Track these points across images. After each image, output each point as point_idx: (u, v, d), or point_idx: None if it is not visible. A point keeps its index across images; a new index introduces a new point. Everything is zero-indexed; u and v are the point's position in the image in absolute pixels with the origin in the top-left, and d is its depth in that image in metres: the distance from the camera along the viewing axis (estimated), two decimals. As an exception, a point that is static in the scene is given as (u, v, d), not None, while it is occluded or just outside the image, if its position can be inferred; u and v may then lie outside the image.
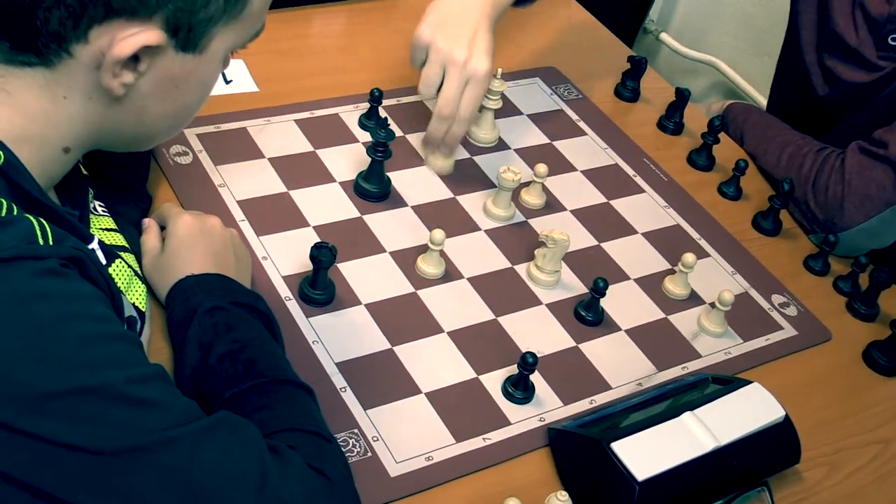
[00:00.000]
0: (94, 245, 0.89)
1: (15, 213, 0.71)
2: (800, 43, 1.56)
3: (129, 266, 0.97)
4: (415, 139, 1.38)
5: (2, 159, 0.74)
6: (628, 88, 1.60)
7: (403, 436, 1.01)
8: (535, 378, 1.09)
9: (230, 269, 1.02)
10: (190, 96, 0.86)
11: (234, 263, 1.04)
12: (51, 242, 0.71)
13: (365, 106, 1.38)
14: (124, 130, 0.85)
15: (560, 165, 1.41)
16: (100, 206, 1.01)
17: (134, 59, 0.78)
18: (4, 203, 0.71)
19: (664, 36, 2.69)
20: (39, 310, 0.67)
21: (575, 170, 1.42)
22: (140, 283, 0.99)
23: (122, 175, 1.09)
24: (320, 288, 1.11)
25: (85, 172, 1.00)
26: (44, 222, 0.72)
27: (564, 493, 0.91)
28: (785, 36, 1.66)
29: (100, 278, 0.76)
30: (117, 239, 1.00)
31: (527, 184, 1.33)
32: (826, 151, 1.44)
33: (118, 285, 0.89)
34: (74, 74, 0.78)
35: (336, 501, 0.78)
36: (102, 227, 0.99)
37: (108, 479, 0.68)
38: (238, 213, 1.19)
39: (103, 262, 0.89)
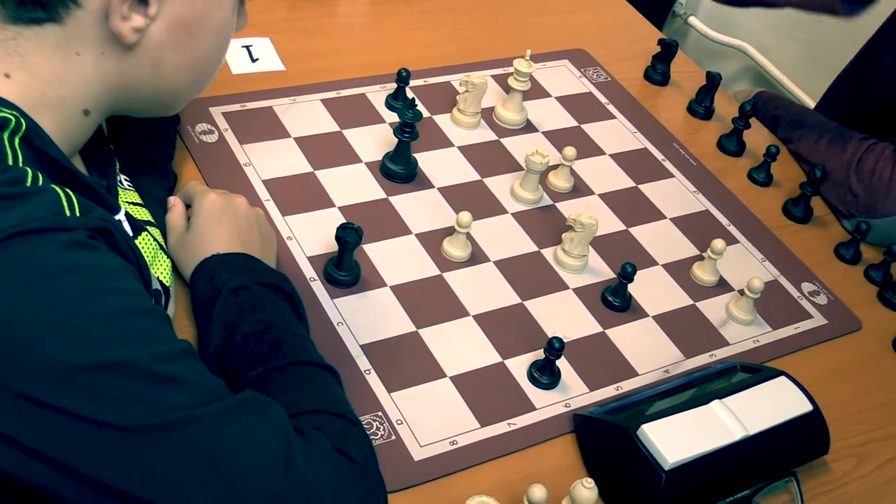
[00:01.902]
0: (121, 216, 0.88)
1: (41, 183, 0.70)
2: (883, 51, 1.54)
3: (155, 240, 0.96)
4: (441, 120, 1.37)
5: (23, 127, 0.73)
6: (658, 72, 1.58)
7: (428, 419, 1.00)
8: (561, 363, 1.08)
9: (255, 249, 1.01)
10: (206, 44, 0.85)
11: (260, 243, 1.03)
12: (77, 214, 0.70)
13: (392, 86, 1.37)
14: (143, 87, 0.84)
15: (588, 149, 1.40)
16: (125, 180, 1.00)
17: (143, 3, 0.77)
18: (30, 172, 0.70)
19: (693, 20, 2.66)
20: (66, 283, 0.67)
21: (603, 153, 1.40)
22: (165, 257, 0.98)
23: (147, 152, 1.09)
24: (345, 269, 1.10)
25: (111, 146, 0.99)
26: (70, 193, 0.71)
27: (590, 480, 0.90)
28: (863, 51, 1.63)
29: (127, 250, 0.75)
30: (143, 213, 0.99)
31: (555, 167, 1.32)
32: (871, 140, 1.42)
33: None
34: (85, 27, 0.77)
35: (360, 484, 0.78)
36: (128, 201, 0.98)
37: (132, 455, 0.68)
38: (263, 193, 1.18)
39: (130, 234, 0.89)
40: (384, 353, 1.05)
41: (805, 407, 1.05)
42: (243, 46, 1.39)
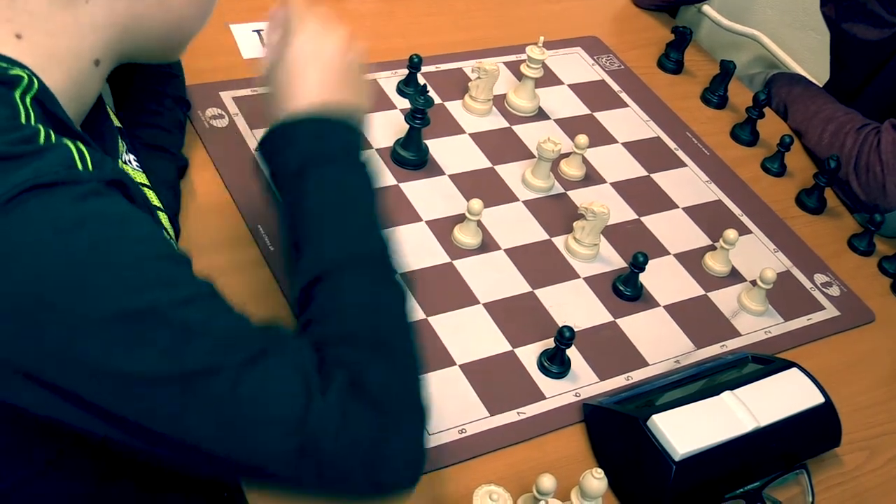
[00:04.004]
0: None
1: (53, 140, 0.70)
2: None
3: (161, 224, 0.96)
4: (453, 107, 1.36)
5: (35, 87, 0.73)
6: (672, 60, 1.57)
7: (437, 407, 0.98)
8: (572, 352, 1.07)
9: (350, 99, 0.91)
10: None
11: (356, 92, 0.93)
12: (90, 168, 0.70)
13: (403, 72, 1.36)
14: (153, 24, 0.83)
15: (601, 137, 1.39)
16: (133, 160, 0.99)
17: None
18: (42, 129, 0.70)
19: (706, 8, 2.64)
20: (82, 235, 0.67)
21: (616, 142, 1.39)
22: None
23: (157, 137, 1.08)
24: (355, 255, 1.09)
25: (118, 125, 0.98)
26: (82, 147, 0.70)
27: (600, 470, 0.89)
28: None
29: (141, 202, 0.75)
30: (150, 196, 0.98)
31: (566, 155, 1.31)
32: (867, 129, 1.41)
33: None
34: None
35: (383, 437, 0.74)
36: (137, 182, 0.97)
37: (152, 403, 0.68)
38: (273, 178, 1.18)
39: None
40: (393, 341, 1.04)
41: (817, 399, 1.04)
42: (254, 31, 1.38)
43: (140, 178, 0.98)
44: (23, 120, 0.70)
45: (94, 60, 0.80)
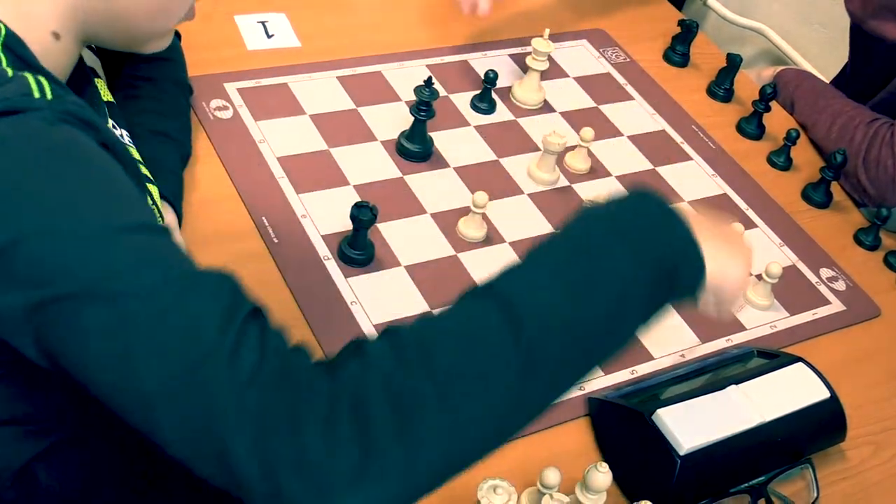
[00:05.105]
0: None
1: (11, 74, 0.67)
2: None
3: (151, 196, 0.93)
4: (458, 99, 1.36)
5: (3, 32, 0.71)
6: (678, 53, 1.56)
7: (441, 400, 0.99)
8: (576, 346, 1.07)
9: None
10: None
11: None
12: (49, 97, 0.67)
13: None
14: (97, 11, 0.78)
15: (606, 130, 1.38)
16: (126, 135, 0.96)
17: None
18: (10, 70, 0.68)
19: (712, 2, 2.64)
20: (18, 153, 0.64)
21: (621, 135, 1.39)
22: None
23: (158, 122, 1.07)
24: (360, 248, 1.09)
25: (111, 99, 0.96)
26: (43, 80, 0.68)
27: (605, 464, 0.89)
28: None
29: (120, 153, 0.71)
30: (143, 169, 0.96)
31: (572, 148, 1.31)
32: (878, 123, 1.40)
33: None
34: None
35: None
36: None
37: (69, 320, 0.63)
38: (277, 170, 1.17)
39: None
40: (398, 334, 1.04)
41: (822, 394, 1.04)
42: (259, 22, 1.38)
43: (133, 152, 0.96)
44: None
45: (52, 32, 0.77)
